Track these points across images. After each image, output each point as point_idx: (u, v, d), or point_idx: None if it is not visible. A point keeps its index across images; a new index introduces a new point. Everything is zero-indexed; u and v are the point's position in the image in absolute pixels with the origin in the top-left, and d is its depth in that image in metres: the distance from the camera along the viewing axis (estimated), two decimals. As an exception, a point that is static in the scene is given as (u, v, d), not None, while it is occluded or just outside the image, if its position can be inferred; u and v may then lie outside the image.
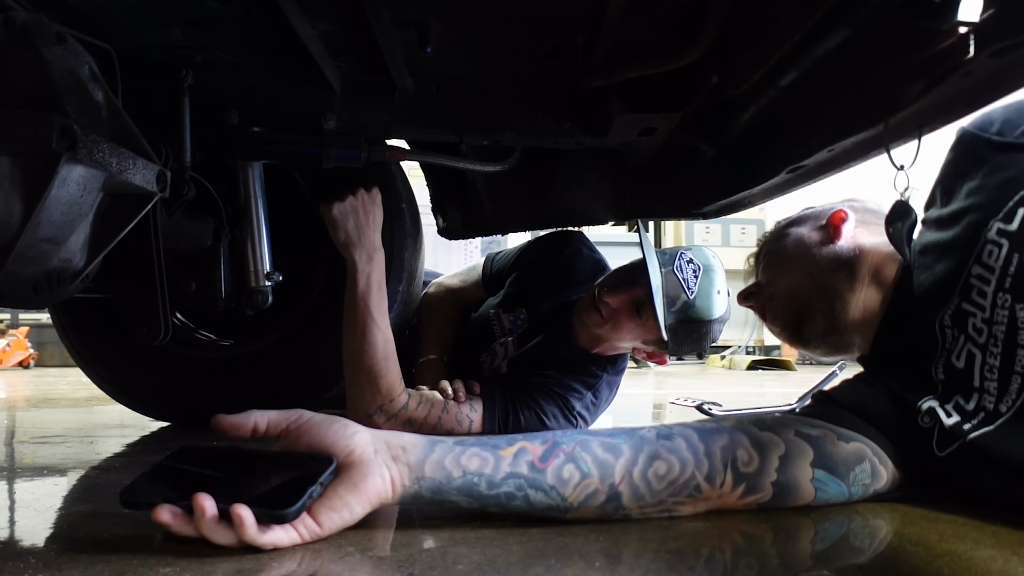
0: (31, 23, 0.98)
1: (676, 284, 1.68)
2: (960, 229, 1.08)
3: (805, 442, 1.00)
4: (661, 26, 1.28)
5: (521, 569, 0.73)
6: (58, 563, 0.75)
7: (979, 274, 1.02)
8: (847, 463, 1.01)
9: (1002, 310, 0.97)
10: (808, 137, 1.31)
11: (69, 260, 1.10)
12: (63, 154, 0.94)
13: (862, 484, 1.03)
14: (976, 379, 1.00)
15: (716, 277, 1.71)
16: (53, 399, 2.99)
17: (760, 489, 0.97)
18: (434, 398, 1.66)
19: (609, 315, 1.73)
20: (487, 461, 0.88)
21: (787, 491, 0.98)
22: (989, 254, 1.01)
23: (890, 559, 0.81)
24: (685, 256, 1.72)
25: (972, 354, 1.01)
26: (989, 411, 0.97)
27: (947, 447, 1.00)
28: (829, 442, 1.02)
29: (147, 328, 1.36)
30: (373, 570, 0.73)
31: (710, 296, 1.68)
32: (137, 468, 1.31)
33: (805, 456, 0.99)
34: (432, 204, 2.04)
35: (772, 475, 0.97)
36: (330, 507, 0.81)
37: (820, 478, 0.99)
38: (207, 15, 1.28)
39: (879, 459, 1.04)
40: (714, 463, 0.95)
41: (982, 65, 0.91)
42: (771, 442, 0.99)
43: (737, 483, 0.95)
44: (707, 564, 0.78)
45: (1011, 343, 0.96)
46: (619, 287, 1.72)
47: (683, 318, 1.68)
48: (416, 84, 1.52)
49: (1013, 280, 0.97)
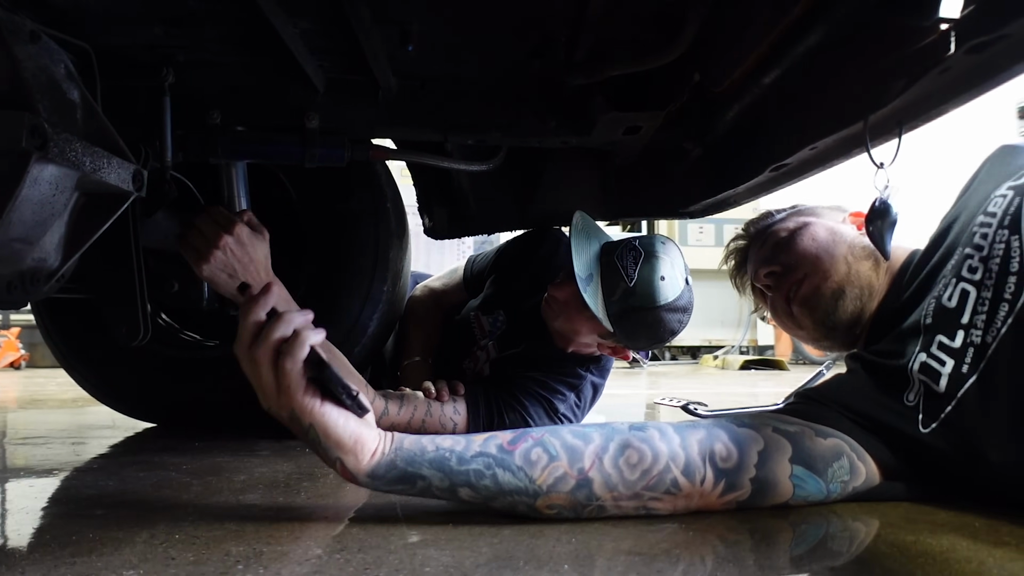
0: (3, 22, 0.97)
1: (615, 271, 1.61)
2: (964, 202, 1.18)
3: (783, 438, 1.00)
4: (642, 24, 1.27)
5: (487, 572, 0.72)
6: (21, 566, 0.74)
7: (982, 222, 1.07)
8: (825, 459, 1.01)
9: (999, 244, 1.02)
10: (791, 135, 1.30)
11: (43, 260, 1.09)
12: (33, 153, 0.93)
13: (840, 481, 1.02)
14: (967, 315, 1.03)
15: (659, 263, 1.61)
16: (41, 400, 2.98)
17: (740, 486, 0.96)
18: (416, 399, 1.64)
19: (559, 309, 1.70)
20: (459, 442, 0.94)
21: (766, 488, 0.98)
22: (995, 204, 1.07)
23: (865, 562, 0.81)
24: (629, 244, 1.65)
25: (966, 292, 1.05)
26: (977, 345, 1.00)
27: (935, 418, 1.01)
28: (807, 438, 1.02)
29: (126, 328, 1.35)
30: (338, 572, 0.72)
31: (651, 283, 1.59)
32: (114, 468, 1.30)
33: (784, 452, 0.99)
34: (418, 204, 2.03)
35: (751, 471, 0.97)
36: (337, 411, 0.88)
37: (799, 475, 0.99)
38: (188, 14, 1.27)
39: (857, 455, 1.04)
40: (690, 456, 0.95)
41: (960, 61, 0.90)
42: (750, 438, 0.99)
43: (718, 479, 0.95)
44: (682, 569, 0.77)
45: (1003, 272, 1.00)
46: (566, 280, 1.68)
47: (626, 307, 1.60)
48: (400, 83, 1.51)
49: (1012, 218, 1.02)
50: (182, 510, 0.97)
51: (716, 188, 1.65)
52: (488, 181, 1.87)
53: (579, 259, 1.60)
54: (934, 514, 0.99)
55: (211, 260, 1.38)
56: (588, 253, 1.63)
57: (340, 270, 1.76)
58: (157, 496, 1.07)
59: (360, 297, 1.76)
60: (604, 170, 1.86)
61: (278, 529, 0.88)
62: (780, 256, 1.34)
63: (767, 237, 1.41)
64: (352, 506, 1.03)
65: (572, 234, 1.64)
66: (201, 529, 0.87)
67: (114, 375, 1.84)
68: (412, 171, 1.96)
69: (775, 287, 1.35)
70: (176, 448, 1.50)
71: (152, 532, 0.86)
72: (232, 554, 0.77)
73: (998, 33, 0.83)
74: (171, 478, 1.19)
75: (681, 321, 1.65)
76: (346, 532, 0.88)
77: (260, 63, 1.45)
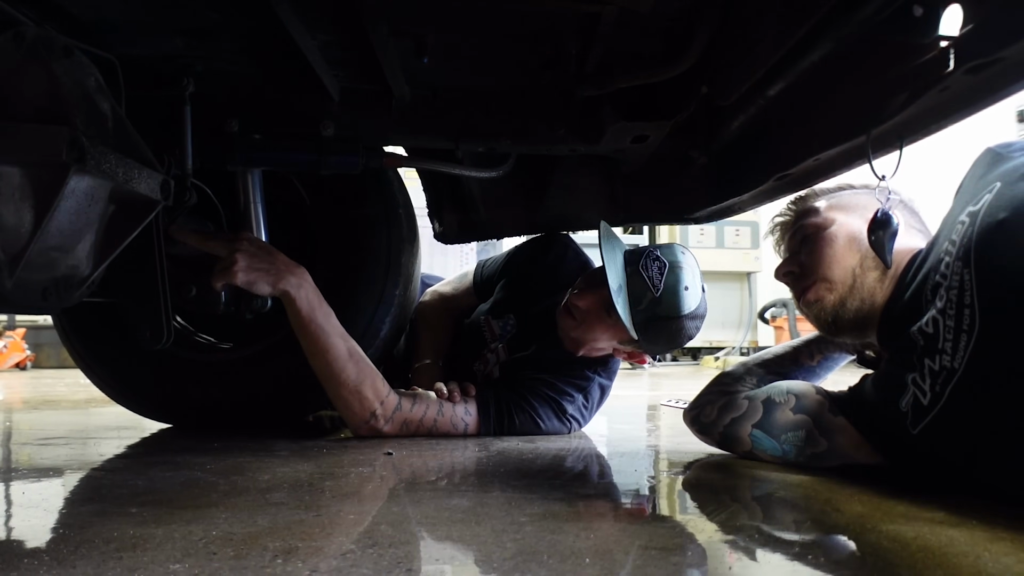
0: (40, 38, 1.01)
1: (642, 282, 1.67)
2: (948, 215, 1.24)
3: (762, 407, 1.41)
4: (652, 38, 1.32)
5: (514, 565, 0.77)
6: (71, 560, 0.78)
7: (947, 249, 1.14)
8: (783, 428, 1.36)
9: (955, 276, 1.09)
10: (795, 146, 1.35)
11: (76, 267, 1.13)
12: (72, 165, 0.97)
13: (795, 445, 1.35)
14: (940, 341, 1.10)
15: (683, 274, 1.68)
16: (52, 401, 3.02)
17: (711, 435, 1.50)
18: (429, 397, 1.69)
19: (581, 317, 1.75)
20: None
21: (729, 440, 1.46)
22: (956, 231, 1.13)
23: (867, 556, 0.85)
24: (652, 254, 1.71)
25: (937, 320, 1.12)
26: (948, 369, 1.08)
27: (918, 424, 1.13)
28: (780, 411, 1.38)
29: (150, 332, 1.39)
30: (374, 566, 0.76)
31: (676, 293, 1.66)
32: (140, 468, 1.34)
33: (751, 419, 1.41)
34: (428, 209, 2.07)
35: (720, 427, 1.47)
36: None
37: (756, 435, 1.40)
38: (208, 25, 1.31)
39: (820, 431, 1.32)
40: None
41: (958, 81, 0.95)
42: (735, 406, 1.45)
43: (693, 425, 1.56)
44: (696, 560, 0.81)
45: (960, 304, 1.07)
46: (588, 289, 1.74)
47: (651, 316, 1.67)
48: (413, 92, 1.55)
49: (964, 250, 1.08)
50: (213, 508, 1.01)
51: (721, 195, 1.70)
52: (497, 187, 1.91)
53: (611, 270, 1.65)
54: (933, 511, 1.03)
55: (238, 264, 1.49)
56: (616, 263, 1.68)
57: (353, 274, 1.80)
58: (187, 495, 1.11)
59: (373, 301, 1.80)
60: (611, 177, 1.91)
61: (309, 526, 0.92)
62: (799, 256, 1.42)
63: (799, 227, 1.46)
64: (376, 504, 1.07)
65: (602, 243, 1.69)
66: (235, 526, 0.91)
67: (132, 376, 1.88)
68: (422, 177, 2.01)
69: (792, 284, 1.46)
70: (196, 448, 1.54)
71: (189, 529, 0.90)
72: (270, 549, 0.81)
73: (995, 56, 0.87)
74: (197, 478, 1.23)
75: (698, 327, 1.74)
76: (374, 528, 0.92)
77: (277, 73, 1.49)
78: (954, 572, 0.77)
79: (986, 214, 1.08)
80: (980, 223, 1.08)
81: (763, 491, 1.20)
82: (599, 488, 1.24)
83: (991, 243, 1.05)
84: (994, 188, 1.10)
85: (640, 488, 1.26)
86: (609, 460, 1.55)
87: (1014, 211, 1.04)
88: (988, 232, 1.06)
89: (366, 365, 1.62)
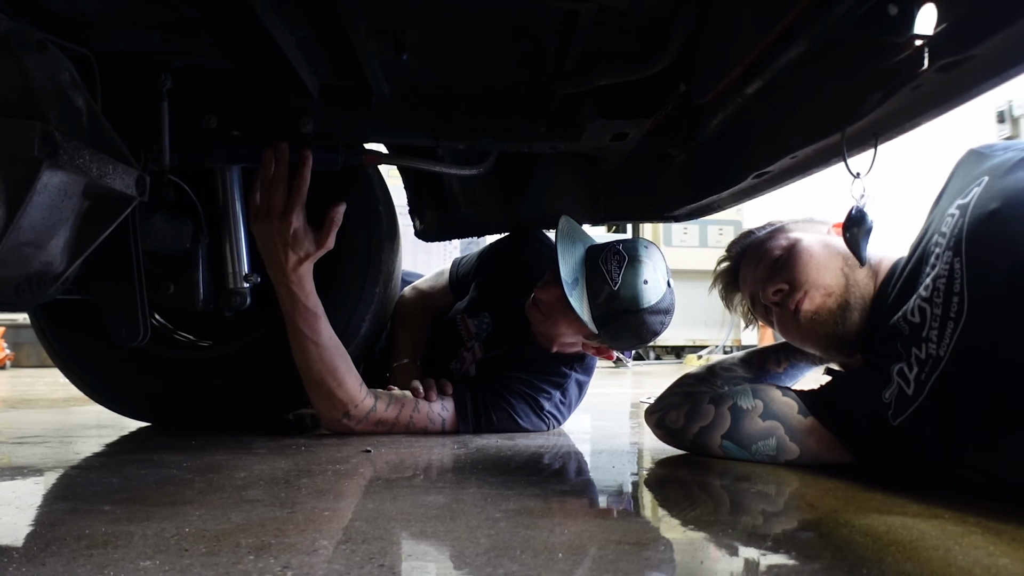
0: (12, 32, 1.00)
1: (600, 276, 1.66)
2: (934, 214, 1.26)
3: (730, 415, 1.38)
4: (631, 35, 1.32)
5: (487, 560, 0.77)
6: (40, 558, 0.77)
7: (937, 240, 1.16)
8: (753, 437, 1.36)
9: (945, 264, 1.11)
10: (773, 144, 1.36)
11: (50, 263, 1.12)
12: (44, 160, 0.96)
13: (766, 454, 1.35)
14: (925, 329, 1.12)
15: (643, 268, 1.67)
16: (31, 400, 2.99)
17: (679, 442, 1.49)
18: (404, 398, 1.69)
19: (547, 312, 1.75)
20: None
21: (700, 449, 1.44)
22: (946, 223, 1.15)
23: (839, 550, 0.85)
24: (613, 248, 1.70)
25: (923, 308, 1.14)
26: (934, 357, 1.10)
27: (900, 416, 1.15)
28: (748, 419, 1.36)
29: (126, 329, 1.38)
30: (346, 562, 0.76)
31: (635, 287, 1.65)
32: (116, 466, 1.33)
33: (720, 429, 1.39)
34: (409, 206, 2.07)
35: (690, 436, 1.45)
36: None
37: (727, 447, 1.39)
38: (186, 21, 1.30)
39: (791, 436, 1.33)
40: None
41: (931, 79, 0.96)
42: (702, 414, 1.42)
43: (658, 429, 1.53)
44: (668, 555, 0.82)
45: (949, 292, 1.09)
46: (551, 282, 1.73)
47: (610, 310, 1.66)
48: (393, 89, 1.54)
49: (955, 239, 1.10)
50: (188, 505, 1.00)
51: (701, 193, 1.70)
52: (478, 185, 1.91)
53: (565, 263, 1.65)
54: (906, 506, 1.04)
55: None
56: (574, 257, 1.68)
57: (333, 272, 1.79)
58: (161, 492, 1.10)
59: (353, 299, 1.79)
60: (592, 174, 1.91)
61: (283, 523, 0.91)
62: (783, 273, 1.39)
63: (761, 255, 1.46)
64: (351, 501, 1.07)
65: (558, 239, 1.68)
66: (209, 523, 0.91)
67: (110, 375, 1.86)
68: (403, 174, 2.00)
69: (782, 303, 1.40)
70: (174, 446, 1.53)
71: (162, 526, 0.89)
72: (242, 546, 0.81)
73: (967, 53, 0.88)
74: (173, 475, 1.23)
75: (663, 323, 1.71)
76: (349, 525, 0.92)
77: (256, 69, 1.48)
78: (925, 565, 0.78)
79: (976, 205, 1.10)
80: (971, 214, 1.10)
81: (738, 487, 1.21)
82: (576, 485, 1.25)
83: (983, 232, 1.07)
84: (982, 182, 1.13)
85: (617, 485, 1.26)
86: (588, 457, 1.55)
87: (1005, 201, 1.07)
88: (979, 222, 1.08)
89: (344, 372, 1.63)
